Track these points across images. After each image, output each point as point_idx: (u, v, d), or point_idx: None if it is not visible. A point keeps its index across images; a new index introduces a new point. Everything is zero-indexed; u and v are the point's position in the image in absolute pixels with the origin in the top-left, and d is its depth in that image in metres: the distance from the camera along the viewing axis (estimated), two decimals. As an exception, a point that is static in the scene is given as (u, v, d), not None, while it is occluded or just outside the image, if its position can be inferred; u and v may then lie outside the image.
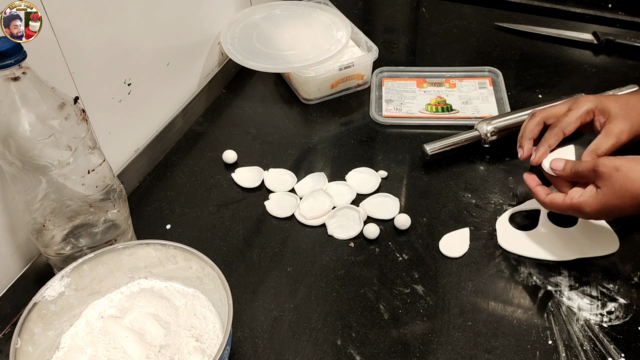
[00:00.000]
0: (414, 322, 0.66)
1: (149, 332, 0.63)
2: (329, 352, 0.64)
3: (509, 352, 0.63)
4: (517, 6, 1.19)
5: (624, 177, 0.62)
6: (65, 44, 0.69)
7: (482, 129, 0.86)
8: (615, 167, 0.63)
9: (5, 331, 0.68)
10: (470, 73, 1.02)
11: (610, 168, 0.64)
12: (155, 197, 0.83)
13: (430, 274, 0.71)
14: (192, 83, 0.99)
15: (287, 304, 0.69)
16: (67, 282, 0.63)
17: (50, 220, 0.64)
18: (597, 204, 0.64)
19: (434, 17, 1.19)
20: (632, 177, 0.62)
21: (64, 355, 0.61)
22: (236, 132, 0.93)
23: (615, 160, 0.64)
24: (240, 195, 0.83)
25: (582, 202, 0.65)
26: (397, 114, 0.95)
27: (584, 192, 0.66)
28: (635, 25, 1.10)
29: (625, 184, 0.62)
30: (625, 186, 0.62)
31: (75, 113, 0.60)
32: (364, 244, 0.75)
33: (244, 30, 1.02)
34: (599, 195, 0.64)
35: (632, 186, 0.62)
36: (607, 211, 0.65)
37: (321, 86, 0.96)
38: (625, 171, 0.63)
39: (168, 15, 0.87)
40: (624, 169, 0.63)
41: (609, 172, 0.63)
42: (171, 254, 0.65)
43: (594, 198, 0.65)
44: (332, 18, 1.03)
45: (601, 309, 0.66)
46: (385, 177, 0.84)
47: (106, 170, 0.65)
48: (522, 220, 0.77)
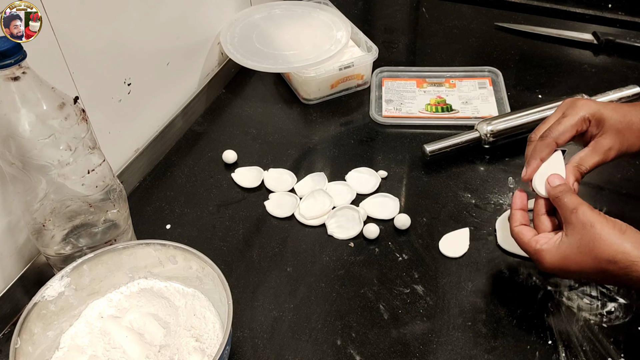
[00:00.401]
0: (414, 322, 0.66)
1: (148, 332, 0.63)
2: (328, 352, 0.64)
3: (509, 352, 0.63)
4: (517, 6, 1.19)
5: (595, 234, 0.57)
6: (65, 44, 0.69)
7: (482, 129, 0.86)
8: (590, 223, 0.57)
9: (5, 331, 0.68)
10: (470, 73, 1.02)
11: (585, 222, 0.58)
12: (155, 197, 0.83)
13: (430, 274, 0.71)
14: (192, 83, 0.99)
15: (287, 304, 0.69)
16: (67, 282, 0.63)
17: (50, 220, 0.64)
18: (557, 256, 0.59)
19: (434, 17, 1.19)
20: (604, 237, 0.56)
21: (64, 355, 0.61)
22: (236, 132, 0.93)
23: (595, 216, 0.58)
24: (240, 195, 0.83)
25: (543, 250, 0.60)
26: (397, 114, 0.95)
27: (549, 241, 0.60)
28: (635, 25, 1.10)
29: (593, 241, 0.57)
30: (592, 244, 0.57)
31: (75, 113, 0.60)
32: (363, 244, 0.75)
33: (244, 30, 1.02)
34: (562, 246, 0.59)
35: (599, 246, 0.56)
36: (565, 267, 0.59)
37: (321, 86, 0.96)
38: (599, 230, 0.57)
39: (168, 15, 0.87)
40: (598, 228, 0.57)
41: (582, 224, 0.58)
42: (171, 254, 0.65)
43: (556, 249, 0.59)
44: (332, 18, 1.03)
45: (601, 309, 0.66)
46: (385, 177, 0.84)
47: (106, 170, 0.65)
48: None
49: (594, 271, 0.57)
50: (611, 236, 0.56)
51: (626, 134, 0.66)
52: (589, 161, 0.66)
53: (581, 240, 0.58)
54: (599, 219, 0.58)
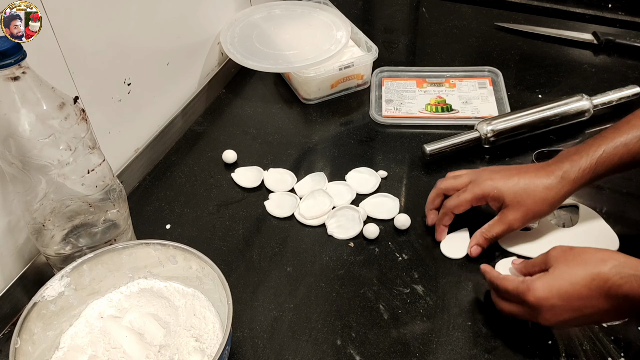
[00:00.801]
0: (414, 322, 0.66)
1: (148, 332, 0.63)
2: (328, 352, 0.64)
3: (508, 352, 0.63)
4: (517, 6, 1.19)
5: (579, 250, 0.59)
6: (65, 44, 0.69)
7: (482, 129, 0.86)
8: (569, 247, 0.60)
9: (5, 331, 0.68)
10: (470, 73, 1.02)
11: (564, 247, 0.60)
12: (155, 197, 0.83)
13: (430, 274, 0.71)
14: (192, 83, 0.99)
15: (287, 303, 0.69)
16: (67, 282, 0.63)
17: (50, 220, 0.64)
18: (547, 280, 0.58)
19: (434, 17, 1.19)
20: (586, 250, 0.59)
21: (64, 355, 0.61)
22: (236, 132, 0.93)
23: (567, 246, 0.61)
24: (240, 195, 0.83)
25: (533, 281, 0.59)
26: (397, 113, 0.95)
27: (537, 275, 0.60)
28: (635, 25, 1.10)
29: (579, 255, 0.58)
30: (579, 257, 0.58)
31: (75, 113, 0.60)
32: (363, 244, 0.75)
33: (244, 30, 1.02)
34: (549, 272, 0.59)
35: (587, 255, 0.58)
36: (558, 287, 0.57)
37: (321, 86, 0.96)
38: (579, 248, 0.59)
39: (168, 15, 0.87)
40: (577, 248, 0.59)
41: (562, 249, 0.60)
42: (171, 254, 0.65)
43: (545, 276, 0.59)
44: (332, 18, 1.03)
45: (601, 309, 0.66)
46: (385, 177, 0.84)
47: (106, 170, 0.65)
48: None
49: (586, 283, 0.56)
50: (592, 249, 0.59)
51: (528, 204, 0.69)
52: (494, 230, 0.71)
53: (565, 259, 0.59)
54: (574, 246, 0.60)
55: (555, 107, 0.87)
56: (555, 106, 0.87)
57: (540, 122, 0.87)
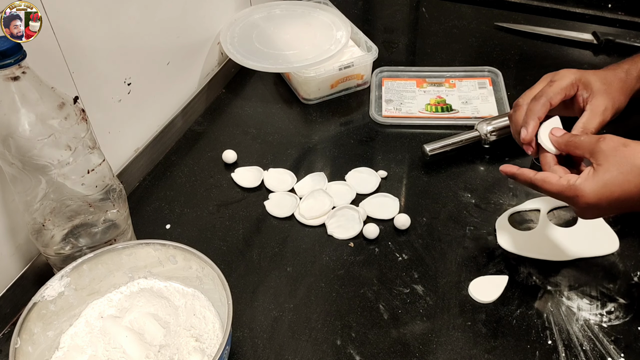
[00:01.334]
0: (414, 322, 0.66)
1: (148, 332, 0.63)
2: (328, 352, 0.64)
3: (508, 352, 0.63)
4: (517, 6, 1.19)
5: (632, 150, 0.54)
6: (65, 43, 0.69)
7: (482, 129, 0.86)
8: (622, 143, 0.55)
9: (4, 331, 0.68)
10: (470, 73, 1.02)
11: (616, 144, 0.55)
12: (155, 197, 0.83)
13: (430, 274, 0.71)
14: (192, 83, 0.99)
15: (287, 304, 0.69)
16: (67, 282, 0.63)
17: (50, 220, 0.64)
18: (597, 185, 0.55)
19: (434, 17, 1.19)
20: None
21: (64, 355, 0.61)
22: (236, 132, 0.93)
23: (623, 138, 0.56)
24: (240, 195, 0.83)
25: (579, 185, 0.56)
26: (397, 113, 0.95)
27: (582, 175, 0.57)
28: (635, 25, 1.10)
29: (632, 156, 0.54)
30: (632, 159, 0.53)
31: (75, 113, 0.60)
32: (363, 244, 0.75)
33: (244, 30, 1.02)
34: (600, 174, 0.55)
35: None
36: (608, 195, 0.54)
37: (321, 86, 0.96)
38: (635, 145, 0.54)
39: (168, 15, 0.87)
40: (633, 144, 0.55)
41: (615, 146, 0.55)
42: (171, 254, 0.65)
43: (593, 179, 0.55)
44: (332, 18, 1.03)
45: (601, 309, 0.66)
46: (385, 177, 0.84)
47: (106, 170, 0.65)
48: (522, 220, 0.77)
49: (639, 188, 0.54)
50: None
51: (613, 93, 0.68)
52: (592, 123, 0.66)
53: (618, 161, 0.54)
54: (628, 140, 0.56)
55: (555, 107, 0.87)
56: (555, 106, 0.87)
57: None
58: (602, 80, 0.69)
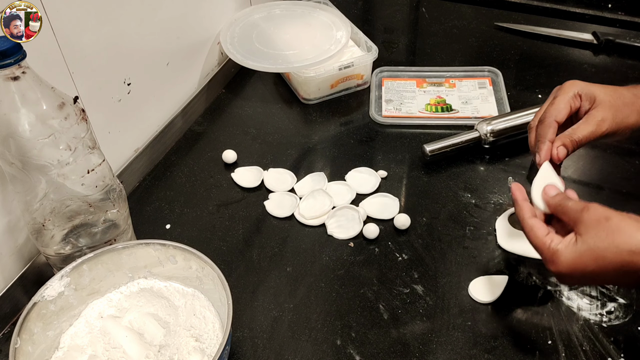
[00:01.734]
0: (414, 322, 0.66)
1: (148, 332, 0.63)
2: (328, 352, 0.64)
3: (508, 352, 0.63)
4: (517, 6, 1.19)
5: (613, 227, 0.53)
6: (65, 44, 0.69)
7: (482, 129, 0.86)
8: (605, 217, 0.54)
9: (4, 331, 0.68)
10: (470, 73, 1.02)
11: (599, 216, 0.54)
12: (154, 197, 0.83)
13: (430, 274, 0.71)
14: (191, 83, 0.99)
15: (287, 303, 0.69)
16: (67, 281, 0.63)
17: (50, 220, 0.64)
18: (572, 254, 0.54)
19: (434, 17, 1.19)
20: (623, 228, 0.53)
21: (64, 355, 0.61)
22: (236, 132, 0.93)
23: (608, 210, 0.55)
24: (240, 195, 0.83)
25: (558, 250, 0.55)
26: (397, 113, 0.95)
27: (564, 240, 0.56)
28: (635, 25, 1.10)
29: (612, 234, 0.53)
30: (611, 237, 0.53)
31: (75, 113, 0.60)
32: (363, 244, 0.75)
33: (244, 30, 1.02)
34: (578, 245, 0.54)
35: (619, 237, 0.52)
36: (582, 267, 0.54)
37: (321, 86, 0.96)
38: (616, 222, 0.53)
39: (168, 15, 0.87)
40: (615, 220, 0.53)
41: (597, 218, 0.54)
42: (171, 254, 0.65)
43: (571, 248, 0.55)
44: (332, 18, 1.03)
45: (601, 309, 0.66)
46: (385, 177, 0.84)
47: (106, 170, 0.65)
48: None
49: (614, 267, 0.53)
50: (630, 227, 0.53)
51: (619, 106, 0.66)
52: (581, 131, 0.65)
53: (597, 235, 0.54)
54: (613, 212, 0.55)
55: (555, 107, 0.87)
56: (555, 106, 0.87)
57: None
58: (608, 93, 0.67)
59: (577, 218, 0.56)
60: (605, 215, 0.54)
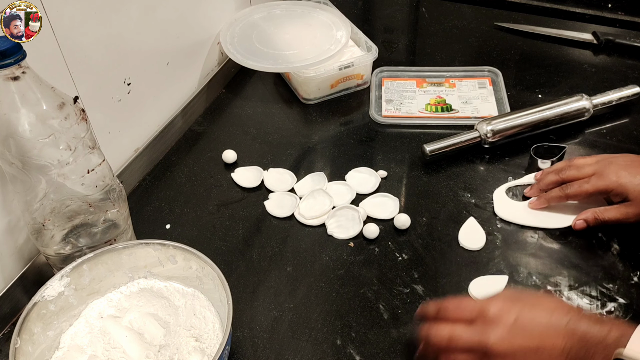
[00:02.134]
0: (414, 322, 0.66)
1: (148, 332, 0.63)
2: (328, 352, 0.64)
3: (508, 352, 0.63)
4: (517, 6, 1.19)
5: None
6: (65, 44, 0.69)
7: (482, 129, 0.86)
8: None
9: (4, 331, 0.68)
10: (470, 73, 1.02)
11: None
12: (154, 196, 0.83)
13: (430, 274, 0.71)
14: (191, 83, 0.99)
15: (287, 303, 0.69)
16: (67, 281, 0.63)
17: (50, 220, 0.64)
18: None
19: (434, 17, 1.19)
20: None
21: (64, 355, 0.61)
22: (236, 132, 0.93)
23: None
24: (240, 195, 0.83)
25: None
26: (397, 113, 0.95)
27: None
28: (635, 25, 1.10)
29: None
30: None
31: (75, 113, 0.60)
32: (363, 244, 0.75)
33: (244, 30, 1.02)
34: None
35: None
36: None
37: (321, 86, 0.96)
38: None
39: (168, 15, 0.87)
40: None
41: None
42: (171, 254, 0.65)
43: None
44: (332, 18, 1.03)
45: (601, 309, 0.66)
46: (385, 177, 0.84)
47: (106, 170, 0.65)
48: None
49: None
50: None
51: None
52: (608, 214, 0.72)
53: None
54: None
55: (555, 107, 0.87)
56: (555, 106, 0.87)
57: (540, 122, 0.87)
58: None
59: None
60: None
